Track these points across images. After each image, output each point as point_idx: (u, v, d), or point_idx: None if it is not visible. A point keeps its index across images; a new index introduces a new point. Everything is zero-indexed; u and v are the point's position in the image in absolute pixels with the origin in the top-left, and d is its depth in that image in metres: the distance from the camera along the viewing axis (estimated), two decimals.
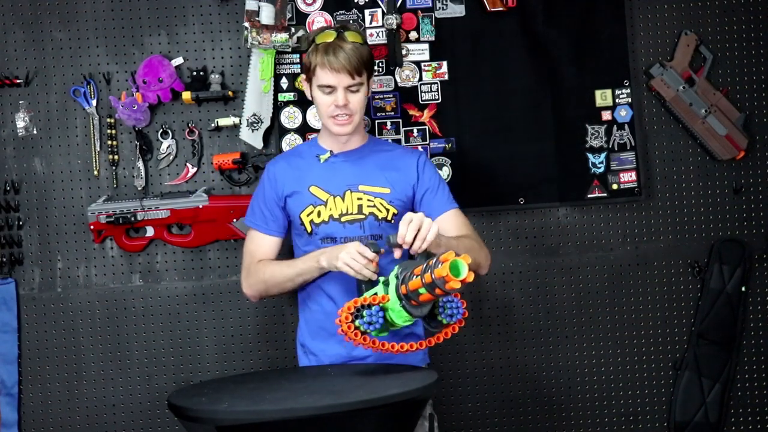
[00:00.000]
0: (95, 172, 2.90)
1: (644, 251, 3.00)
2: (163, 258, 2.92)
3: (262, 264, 2.44)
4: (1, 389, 2.87)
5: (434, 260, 1.96)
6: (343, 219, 2.41)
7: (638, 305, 3.00)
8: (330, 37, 2.37)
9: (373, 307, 2.09)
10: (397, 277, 2.09)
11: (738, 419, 3.02)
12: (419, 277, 1.99)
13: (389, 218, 2.43)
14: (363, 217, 2.41)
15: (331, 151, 2.48)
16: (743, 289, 2.98)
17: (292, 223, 2.48)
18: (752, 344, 3.01)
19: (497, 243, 2.97)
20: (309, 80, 2.42)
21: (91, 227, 2.83)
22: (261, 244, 2.49)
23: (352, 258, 2.19)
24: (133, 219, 2.81)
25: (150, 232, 2.87)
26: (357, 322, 2.09)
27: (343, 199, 2.42)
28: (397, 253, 2.18)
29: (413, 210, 2.44)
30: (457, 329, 2.14)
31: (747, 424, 3.02)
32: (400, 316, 2.09)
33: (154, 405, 2.91)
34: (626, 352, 3.00)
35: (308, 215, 2.42)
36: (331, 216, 2.41)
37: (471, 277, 1.91)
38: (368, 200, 2.42)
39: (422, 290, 1.99)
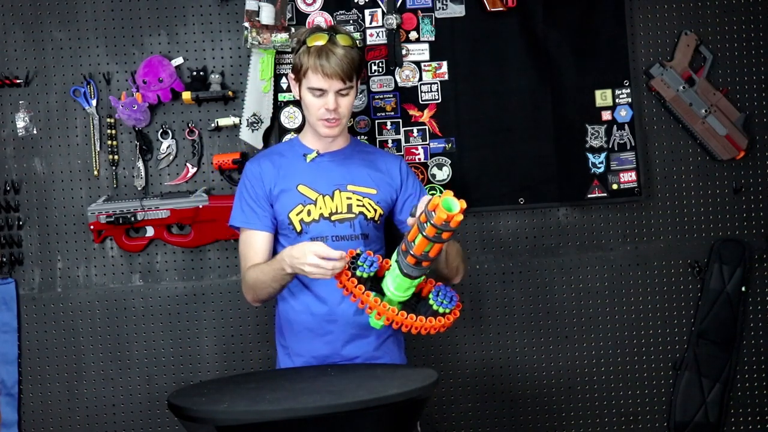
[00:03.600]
0: (95, 172, 2.90)
1: (644, 251, 3.00)
2: (163, 258, 2.92)
3: (249, 269, 2.39)
4: (1, 389, 2.87)
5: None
6: (333, 218, 2.41)
7: (638, 305, 3.00)
8: (322, 39, 2.35)
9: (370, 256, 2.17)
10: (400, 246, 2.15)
11: (738, 419, 3.02)
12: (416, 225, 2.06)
13: (376, 219, 2.45)
14: (353, 216, 2.41)
15: (317, 151, 2.47)
16: (743, 289, 2.98)
17: (277, 224, 2.44)
18: (752, 344, 3.02)
19: (497, 243, 2.97)
20: (298, 80, 2.40)
21: (91, 227, 2.83)
22: (253, 242, 2.42)
23: (317, 266, 2.15)
24: (133, 219, 2.81)
25: (150, 232, 2.87)
26: (358, 271, 2.14)
27: (332, 198, 2.42)
28: (410, 221, 2.17)
29: (392, 213, 2.51)
30: (458, 314, 2.20)
31: (747, 424, 3.02)
32: (395, 281, 2.13)
33: (154, 405, 2.91)
34: (626, 352, 3.00)
35: (298, 214, 2.41)
36: (321, 215, 2.40)
37: (460, 217, 1.99)
38: (357, 200, 2.43)
39: (417, 238, 2.05)
